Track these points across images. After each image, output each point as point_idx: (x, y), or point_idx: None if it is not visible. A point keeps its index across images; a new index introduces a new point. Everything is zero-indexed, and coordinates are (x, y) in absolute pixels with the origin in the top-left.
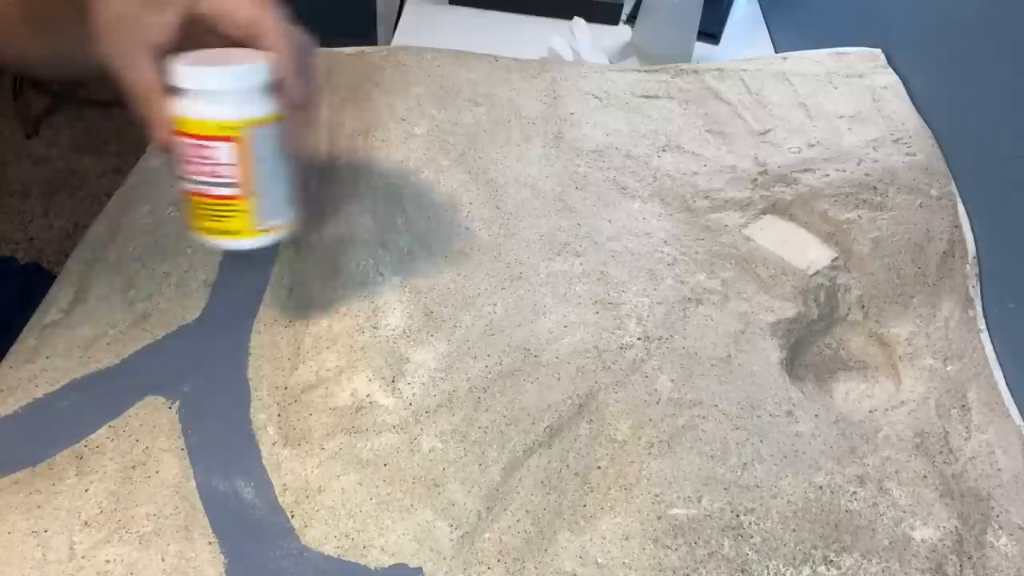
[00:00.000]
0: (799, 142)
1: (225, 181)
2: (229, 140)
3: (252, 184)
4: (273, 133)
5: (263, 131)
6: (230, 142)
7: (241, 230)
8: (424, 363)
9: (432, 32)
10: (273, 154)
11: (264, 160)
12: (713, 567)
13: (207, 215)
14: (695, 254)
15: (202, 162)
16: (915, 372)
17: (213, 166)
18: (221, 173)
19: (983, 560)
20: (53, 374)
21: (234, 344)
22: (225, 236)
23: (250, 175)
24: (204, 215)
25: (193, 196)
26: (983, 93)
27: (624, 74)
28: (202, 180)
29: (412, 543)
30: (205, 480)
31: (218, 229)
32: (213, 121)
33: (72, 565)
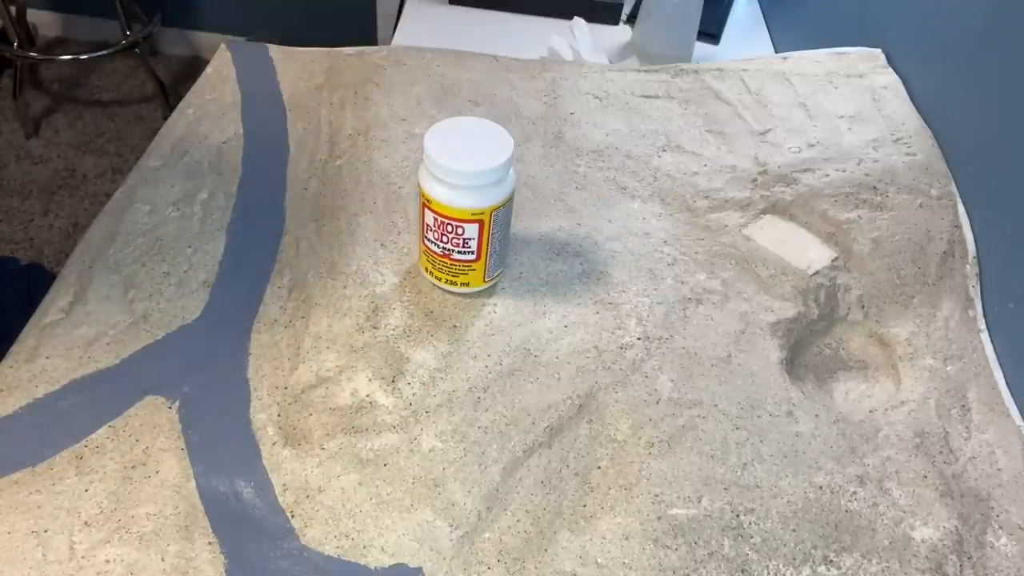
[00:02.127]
0: (799, 142)
1: (468, 250)
2: (476, 222)
3: (486, 250)
4: (506, 210)
5: (500, 212)
6: (476, 223)
7: (470, 282)
8: (424, 363)
9: (432, 32)
10: (503, 226)
11: (497, 232)
12: (713, 567)
13: (448, 272)
14: (695, 254)
15: (452, 236)
16: (915, 372)
17: (461, 239)
18: (466, 245)
19: (983, 560)
20: (53, 374)
21: (234, 344)
22: (458, 287)
23: (486, 245)
24: (445, 271)
25: (438, 257)
26: (983, 93)
27: (624, 74)
28: (449, 248)
29: (412, 543)
30: (205, 480)
31: (455, 282)
32: (468, 209)
33: (72, 565)
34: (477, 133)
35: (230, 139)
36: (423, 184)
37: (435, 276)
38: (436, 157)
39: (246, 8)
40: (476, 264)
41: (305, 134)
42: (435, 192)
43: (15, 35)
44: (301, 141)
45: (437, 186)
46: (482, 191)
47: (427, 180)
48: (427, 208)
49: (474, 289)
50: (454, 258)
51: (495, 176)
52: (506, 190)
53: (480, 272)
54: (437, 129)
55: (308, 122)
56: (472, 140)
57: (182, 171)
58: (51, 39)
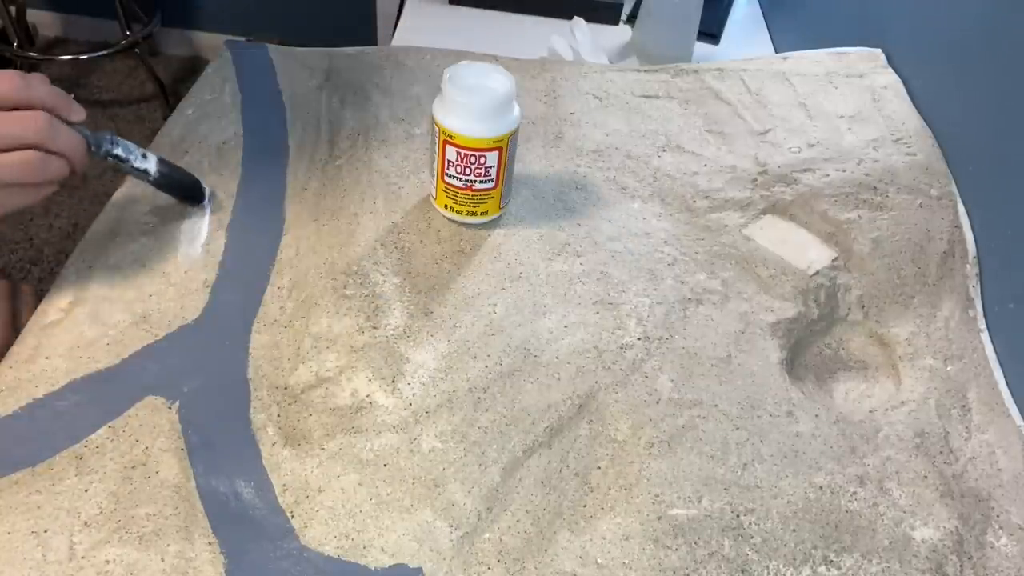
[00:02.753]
0: (799, 142)
1: (489, 178)
2: (496, 149)
3: (503, 177)
4: (515, 138)
5: (514, 138)
6: (496, 151)
7: (490, 210)
8: (424, 363)
9: (432, 32)
10: (513, 153)
11: (511, 159)
12: (713, 567)
13: (469, 203)
14: (695, 254)
15: (475, 167)
16: (915, 372)
17: (483, 168)
18: (487, 174)
19: (983, 560)
20: (53, 374)
21: (234, 344)
22: (479, 216)
23: (504, 172)
24: (466, 203)
25: (461, 191)
26: (983, 93)
27: (624, 74)
28: (472, 179)
29: (412, 543)
30: (205, 480)
31: (475, 212)
32: (489, 138)
33: (72, 565)
34: (483, 72)
35: (230, 139)
36: (444, 122)
37: (456, 211)
38: (455, 92)
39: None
40: (494, 192)
41: (305, 134)
42: (457, 126)
43: (15, 35)
44: (301, 141)
45: (458, 120)
46: (500, 118)
47: (448, 117)
48: (449, 144)
49: (491, 218)
50: (476, 188)
51: (508, 102)
52: (517, 116)
53: (497, 199)
54: (452, 71)
55: (308, 122)
56: (481, 78)
57: None
58: (51, 39)
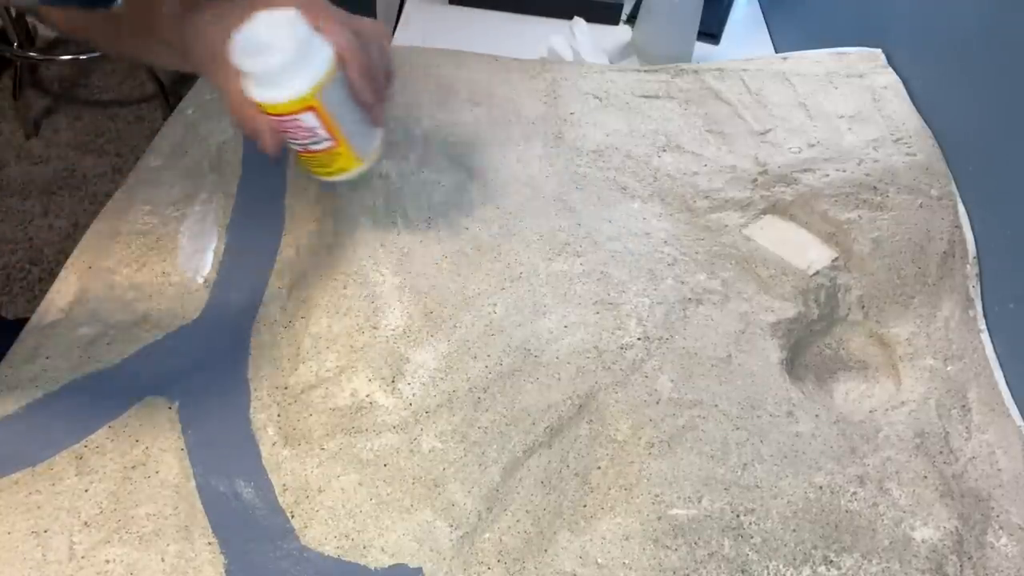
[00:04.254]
0: (799, 142)
1: (321, 137)
2: (309, 110)
3: (339, 131)
4: (336, 85)
5: (329, 89)
6: (310, 111)
7: (346, 166)
8: (424, 363)
9: (432, 32)
10: (343, 101)
11: (339, 110)
12: (713, 567)
13: (318, 164)
14: (695, 254)
15: (297, 130)
16: (915, 372)
17: (307, 130)
18: (315, 133)
19: (983, 560)
20: (53, 374)
21: (234, 344)
22: (338, 173)
23: (335, 126)
24: (316, 164)
25: (301, 155)
26: (983, 93)
27: (624, 74)
28: (303, 142)
29: (412, 543)
30: (205, 480)
31: (331, 171)
32: (290, 101)
33: (72, 565)
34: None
35: (230, 139)
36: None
37: (314, 171)
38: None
39: None
40: (338, 148)
41: None
42: (258, 95)
43: (15, 35)
44: None
45: (257, 88)
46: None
47: (249, 87)
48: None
49: (355, 171)
50: (312, 150)
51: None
52: (322, 62)
53: (347, 155)
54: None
55: None
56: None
57: (182, 171)
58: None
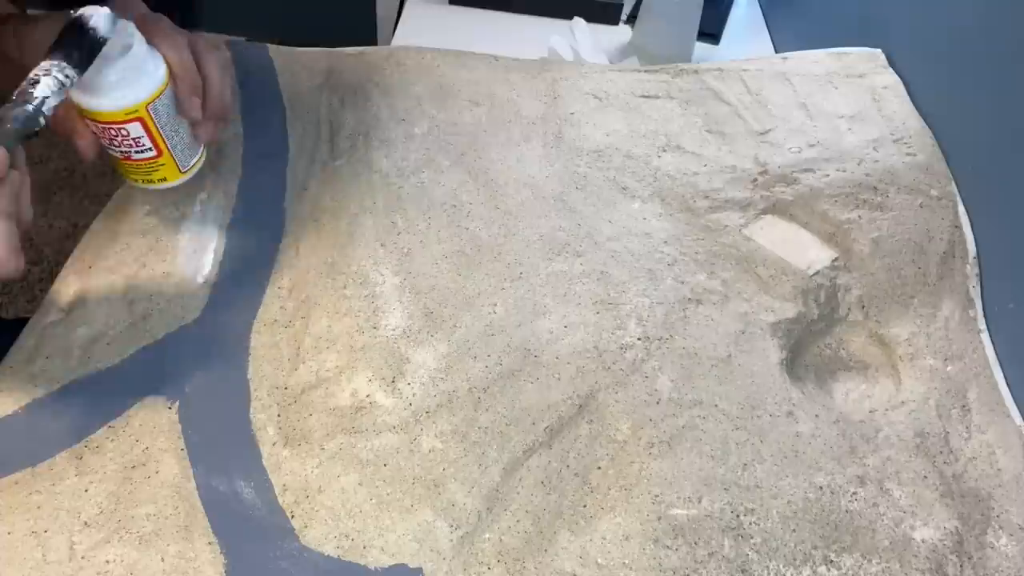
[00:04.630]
0: (799, 142)
1: (144, 147)
2: (136, 120)
3: (165, 144)
4: (166, 99)
5: (158, 102)
6: (137, 122)
7: (167, 176)
8: (424, 363)
9: (432, 32)
10: (170, 113)
11: (165, 124)
12: (713, 567)
13: (138, 172)
14: (695, 254)
15: (121, 138)
16: (915, 372)
17: (132, 140)
18: (139, 143)
19: (983, 560)
20: (53, 374)
21: (234, 344)
22: (158, 183)
23: (160, 137)
24: (136, 173)
25: (122, 160)
26: (983, 93)
27: (624, 74)
28: (125, 150)
29: (412, 543)
30: (205, 480)
31: (151, 179)
32: (119, 111)
33: (72, 565)
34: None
35: (230, 139)
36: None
37: (133, 179)
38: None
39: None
40: (161, 159)
41: (305, 134)
42: (81, 100)
43: None
44: (301, 141)
45: (81, 93)
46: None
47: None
48: (85, 118)
49: (175, 183)
50: (135, 159)
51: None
52: (157, 80)
53: (170, 166)
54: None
55: (308, 122)
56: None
57: None
58: None
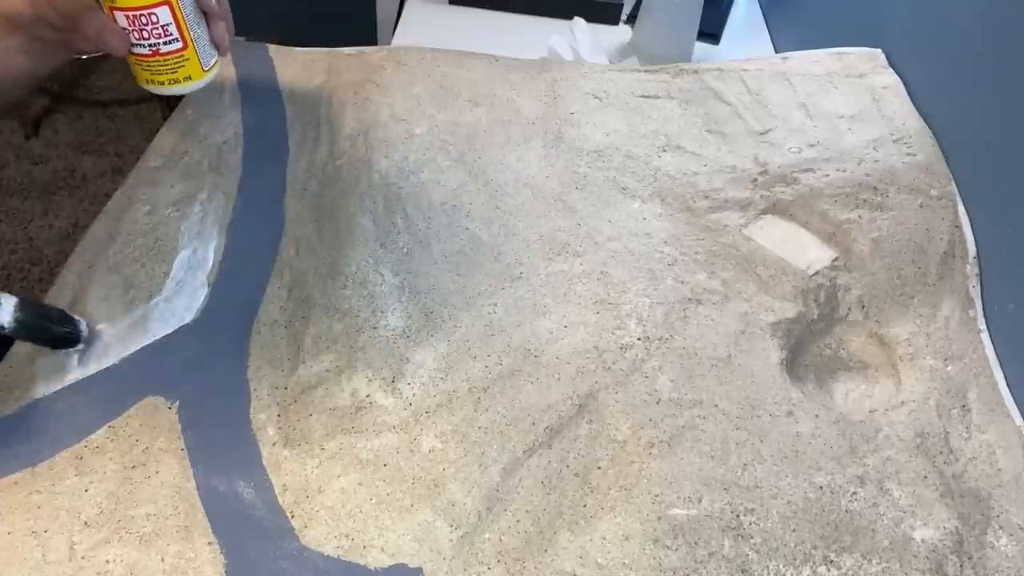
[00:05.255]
0: (799, 142)
1: (172, 38)
2: (165, 3)
3: (189, 35)
4: None
5: None
6: (166, 5)
7: (192, 74)
8: (424, 363)
9: (432, 32)
10: (193, 7)
11: (190, 13)
12: (713, 567)
13: (164, 70)
14: (695, 254)
15: (151, 27)
16: (915, 372)
17: (160, 28)
18: (168, 32)
19: (983, 560)
20: (53, 374)
21: (234, 344)
22: (183, 83)
23: (186, 28)
24: (162, 71)
25: (149, 58)
26: (983, 93)
27: (624, 74)
28: (154, 42)
29: (412, 543)
30: (205, 480)
31: (176, 79)
32: None
33: (72, 565)
34: None
35: (230, 139)
36: None
37: (158, 83)
38: None
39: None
40: (186, 52)
41: (305, 134)
42: None
43: None
44: (301, 141)
45: None
46: None
47: None
48: (115, 11)
49: (200, 82)
50: (163, 51)
51: None
52: None
53: (195, 61)
54: None
55: (308, 122)
56: None
57: (182, 171)
58: None
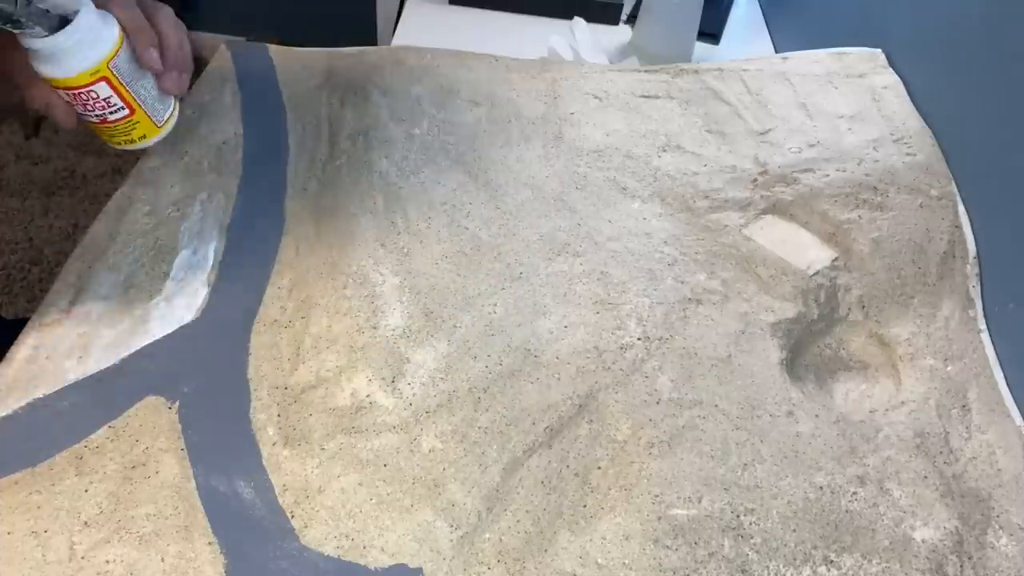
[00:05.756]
0: (799, 142)
1: (117, 107)
2: (102, 79)
3: (134, 100)
4: (124, 55)
5: (118, 59)
6: (103, 81)
7: (147, 133)
8: (424, 363)
9: (432, 32)
10: (132, 69)
11: (131, 81)
12: (713, 567)
13: (118, 133)
14: (695, 254)
15: (94, 102)
16: (915, 372)
17: (103, 101)
18: (111, 103)
19: (983, 560)
20: (53, 374)
21: (234, 344)
22: (139, 142)
23: (129, 95)
24: (116, 134)
25: (100, 125)
26: (983, 93)
27: (624, 74)
28: (99, 113)
29: (412, 543)
30: (205, 480)
31: (131, 139)
32: (83, 73)
33: (72, 565)
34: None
35: (230, 139)
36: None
37: (117, 143)
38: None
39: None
40: (135, 116)
41: (305, 134)
42: (47, 71)
43: None
44: (301, 141)
45: (45, 65)
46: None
47: (38, 63)
48: (57, 89)
49: (154, 139)
50: (111, 120)
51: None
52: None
53: (146, 122)
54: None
55: (308, 122)
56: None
57: (182, 171)
58: None
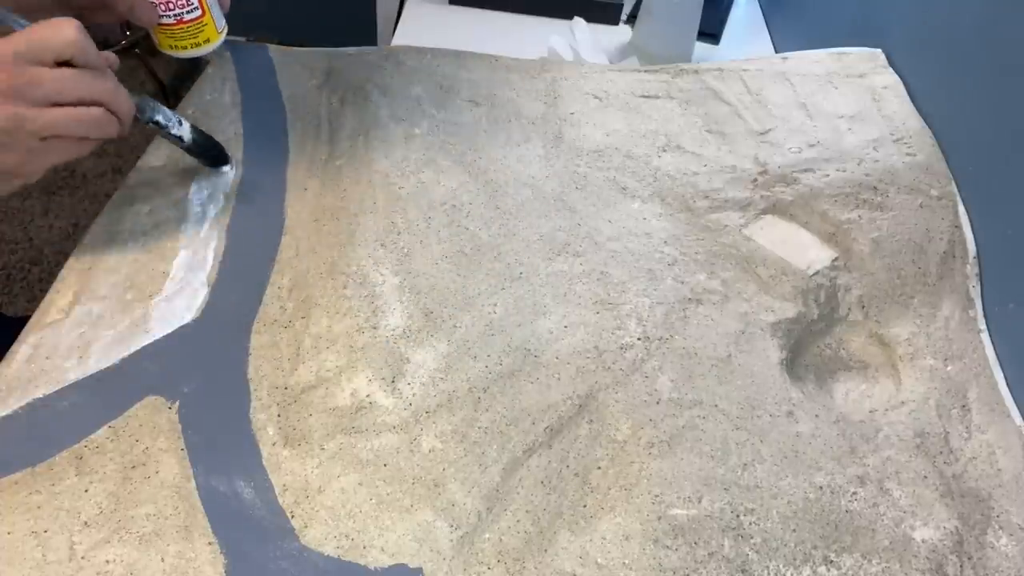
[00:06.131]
0: (799, 142)
1: (193, 7)
2: None
3: (206, 2)
4: None
5: None
6: None
7: (210, 37)
8: (424, 363)
9: (432, 32)
10: None
11: None
12: (713, 567)
13: (187, 36)
14: (695, 254)
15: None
16: (915, 372)
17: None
18: (190, 2)
19: (983, 560)
20: (53, 374)
21: (234, 344)
22: (203, 46)
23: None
24: (184, 37)
25: (174, 27)
26: (983, 93)
27: (624, 74)
28: (178, 12)
29: (412, 543)
30: (205, 480)
31: (197, 43)
32: None
33: (72, 565)
34: None
35: (230, 139)
36: None
37: (181, 48)
38: None
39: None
40: (204, 18)
41: (305, 134)
42: None
43: None
44: (301, 141)
45: None
46: None
47: None
48: None
49: (215, 44)
50: (186, 20)
51: None
52: None
53: (211, 25)
54: None
55: (308, 122)
56: None
57: (182, 171)
58: None
